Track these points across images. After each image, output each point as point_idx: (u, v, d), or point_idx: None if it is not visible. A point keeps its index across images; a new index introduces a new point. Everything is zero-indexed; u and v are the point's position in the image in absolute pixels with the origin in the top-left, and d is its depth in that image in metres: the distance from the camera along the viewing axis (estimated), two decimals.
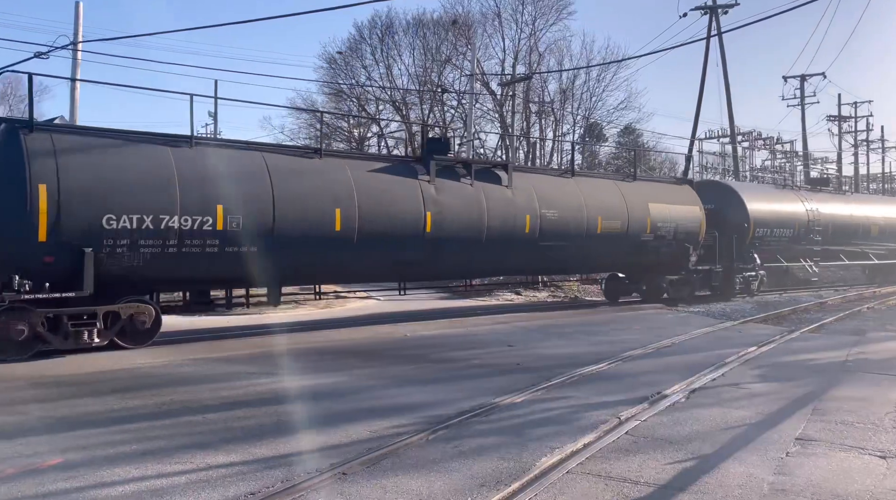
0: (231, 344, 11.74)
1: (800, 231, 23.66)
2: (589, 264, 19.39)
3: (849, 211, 26.49)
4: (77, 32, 19.21)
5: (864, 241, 26.73)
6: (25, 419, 6.68)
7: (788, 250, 23.60)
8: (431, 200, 13.93)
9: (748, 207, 21.63)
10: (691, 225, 19.42)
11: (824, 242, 24.49)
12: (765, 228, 22.20)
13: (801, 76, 44.74)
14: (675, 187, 20.49)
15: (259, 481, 4.84)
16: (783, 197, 24.23)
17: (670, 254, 19.03)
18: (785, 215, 23.25)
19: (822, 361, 10.15)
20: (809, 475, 5.04)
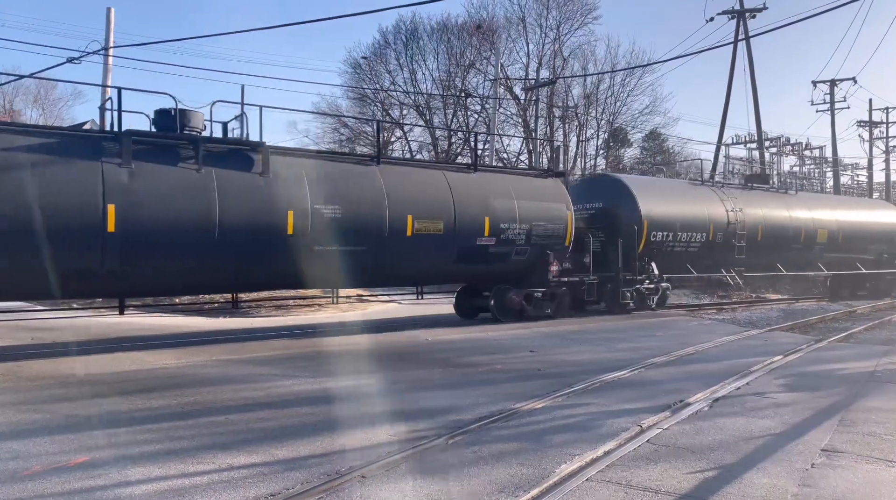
0: (253, 346, 11.86)
1: (716, 236, 19.61)
2: (398, 274, 14.41)
3: (787, 213, 22.24)
4: (108, 38, 19.59)
5: (808, 248, 22.73)
6: (52, 417, 6.81)
7: (709, 259, 19.74)
8: (120, 189, 10.27)
9: (641, 206, 17.88)
10: (553, 227, 15.60)
11: (751, 249, 20.34)
12: (665, 232, 18.40)
13: (830, 81, 44.07)
14: (537, 181, 16.35)
15: (280, 482, 4.89)
16: (697, 196, 20.09)
17: (523, 262, 15.29)
18: (695, 217, 19.22)
19: (850, 371, 9.96)
20: (835, 487, 4.95)
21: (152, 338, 12.63)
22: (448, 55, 41.86)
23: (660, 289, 18.34)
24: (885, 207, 28.52)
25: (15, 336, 13.12)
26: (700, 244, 19.29)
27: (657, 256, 18.23)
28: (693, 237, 19.17)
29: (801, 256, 22.63)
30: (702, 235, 19.35)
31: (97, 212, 10.12)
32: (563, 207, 16.06)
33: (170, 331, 13.96)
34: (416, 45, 42.27)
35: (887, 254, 26.30)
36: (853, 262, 24.60)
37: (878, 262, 25.72)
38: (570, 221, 16.04)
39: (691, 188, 21.02)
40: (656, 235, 18.27)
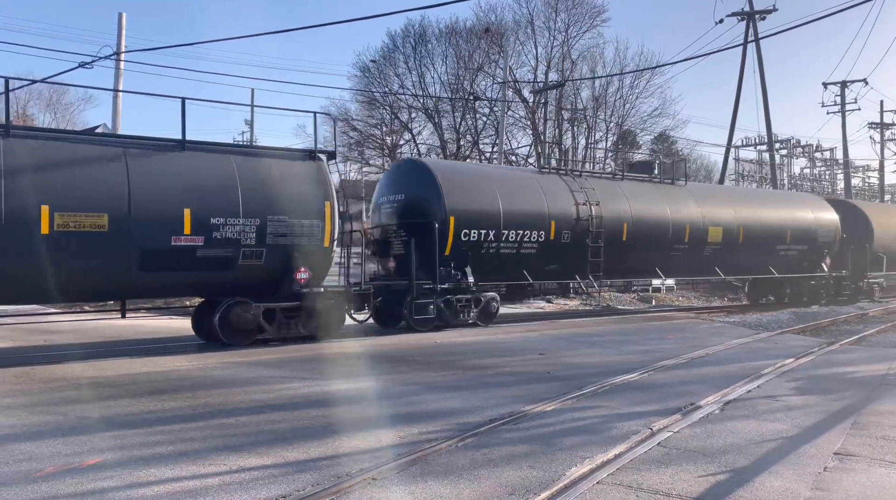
0: (263, 348, 11.90)
1: (561, 236, 16.19)
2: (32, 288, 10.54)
3: (667, 208, 18.55)
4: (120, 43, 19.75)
5: (695, 249, 19.28)
6: (65, 419, 6.86)
7: (554, 263, 16.40)
8: None
9: (446, 198, 14.51)
10: (304, 223, 12.21)
11: (613, 250, 16.88)
12: (484, 231, 15.10)
13: (841, 83, 43.81)
14: (283, 165, 12.64)
15: (290, 484, 4.90)
16: (535, 187, 16.41)
17: (262, 269, 11.88)
18: (530, 212, 15.80)
19: (863, 374, 9.88)
20: (848, 491, 4.91)
21: (162, 340, 12.71)
22: (456, 58, 41.93)
23: (481, 300, 15.14)
24: (809, 201, 24.68)
25: (28, 339, 13.24)
26: (538, 246, 15.80)
27: (474, 260, 14.83)
28: (527, 237, 15.62)
29: (688, 258, 19.00)
30: (539, 235, 15.82)
31: None
32: (322, 197, 12.53)
33: (179, 333, 14.03)
34: (425, 48, 42.36)
35: (808, 259, 22.83)
36: (764, 265, 21.30)
37: (798, 264, 22.48)
38: (329, 215, 12.51)
39: (531, 177, 17.11)
40: (470, 235, 14.73)
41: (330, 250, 12.72)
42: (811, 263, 22.98)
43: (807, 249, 22.60)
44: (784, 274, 22.04)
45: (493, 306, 15.48)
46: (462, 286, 14.72)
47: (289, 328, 12.43)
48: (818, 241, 22.85)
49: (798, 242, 22.20)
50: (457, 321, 14.69)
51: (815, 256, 23.04)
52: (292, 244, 12.14)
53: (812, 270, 22.97)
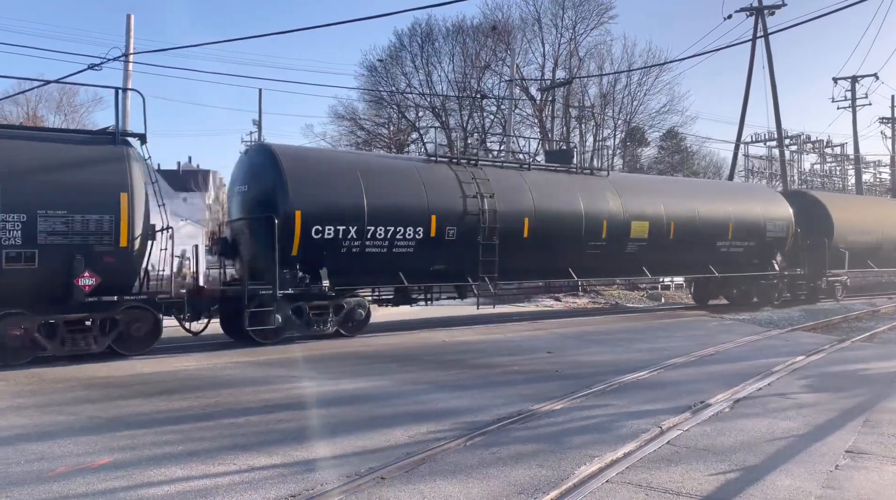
0: (272, 348, 11.93)
1: (445, 232, 14.12)
2: None
3: (580, 202, 16.26)
4: (128, 45, 19.85)
5: (615, 247, 16.98)
6: (77, 419, 6.91)
7: (438, 262, 14.33)
8: None
9: (291, 190, 12.49)
10: (85, 218, 10.30)
11: (512, 249, 14.92)
12: (342, 227, 12.91)
13: (851, 77, 43.49)
14: (64, 149, 10.74)
15: (299, 483, 4.91)
16: (414, 177, 14.34)
17: (35, 274, 10.05)
18: (402, 206, 13.71)
19: (875, 371, 9.81)
20: (860, 489, 4.87)
21: (171, 341, 12.74)
22: (463, 57, 41.90)
23: (343, 307, 13.16)
24: (759, 193, 22.39)
25: None
26: (416, 244, 13.82)
27: (332, 260, 12.83)
28: (400, 234, 13.58)
29: (608, 257, 16.94)
30: (417, 232, 13.78)
31: None
32: (115, 188, 10.53)
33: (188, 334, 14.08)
34: (432, 46, 42.36)
35: (757, 257, 20.42)
36: (703, 263, 19.13)
37: (744, 262, 20.15)
38: (126, 209, 10.51)
39: (411, 167, 14.95)
40: (324, 232, 12.70)
41: (130, 251, 10.65)
42: (761, 260, 20.62)
43: (754, 245, 20.19)
44: (726, 273, 19.66)
45: (358, 313, 13.34)
46: (314, 291, 12.61)
47: (76, 344, 10.55)
48: (767, 236, 20.45)
49: (743, 238, 19.85)
50: (311, 332, 12.70)
51: (765, 253, 20.65)
52: (73, 244, 10.21)
53: (762, 268, 20.61)
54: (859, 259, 23.82)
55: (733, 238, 19.57)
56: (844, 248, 22.83)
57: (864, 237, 24.02)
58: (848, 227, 23.29)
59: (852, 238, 23.36)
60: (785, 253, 21.14)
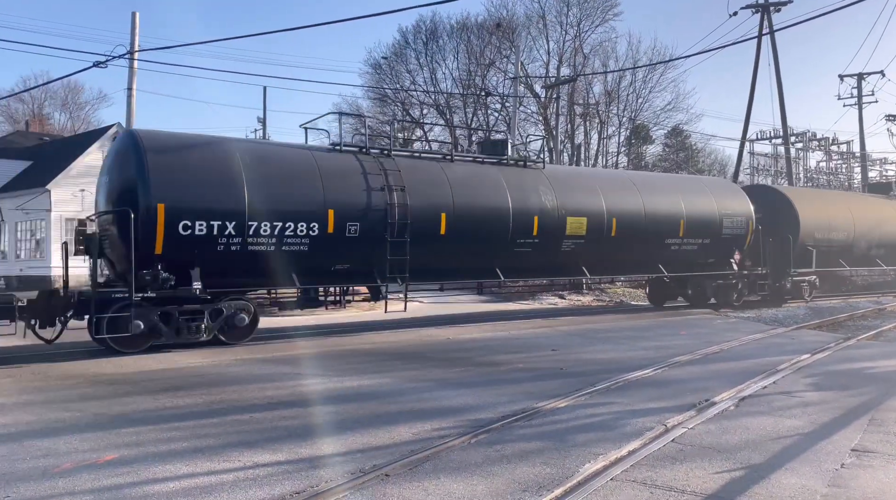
0: (276, 346, 11.96)
1: (346, 229, 12.77)
2: None
3: (506, 196, 14.99)
4: (133, 42, 19.88)
5: (549, 244, 15.63)
6: (82, 415, 6.94)
7: (340, 261, 13.10)
8: None
9: (154, 180, 11.21)
10: None
11: (426, 246, 13.69)
12: (216, 222, 11.49)
13: (858, 75, 43.37)
14: None
15: (304, 480, 4.92)
16: (318, 168, 12.85)
17: None
18: (292, 199, 12.33)
19: (880, 369, 9.77)
20: (865, 488, 4.86)
21: None
22: (468, 54, 41.89)
23: (223, 311, 11.84)
24: (715, 187, 20.46)
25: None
26: (311, 241, 12.43)
27: (206, 260, 11.50)
28: (291, 230, 12.18)
29: (540, 256, 15.67)
30: (312, 228, 12.38)
31: None
32: None
33: None
34: (436, 44, 42.37)
35: (713, 255, 19.04)
36: (651, 262, 18.04)
37: (699, 261, 18.87)
38: None
39: (308, 157, 13.11)
40: (195, 228, 11.23)
41: None
42: (718, 259, 19.29)
43: (709, 243, 18.79)
44: (678, 273, 18.46)
45: (240, 318, 11.99)
46: (180, 294, 11.34)
47: None
48: (724, 234, 19.06)
49: (696, 236, 18.43)
50: (182, 339, 11.47)
51: (722, 251, 19.29)
52: None
53: (719, 267, 19.33)
54: (830, 258, 22.63)
55: (685, 236, 18.20)
56: (812, 246, 21.70)
57: (834, 235, 22.80)
58: (816, 223, 22.13)
59: (821, 236, 22.23)
60: (746, 251, 19.88)
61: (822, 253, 21.97)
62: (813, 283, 22.17)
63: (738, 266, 19.60)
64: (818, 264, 21.81)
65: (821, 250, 21.96)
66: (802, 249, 21.36)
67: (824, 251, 22.15)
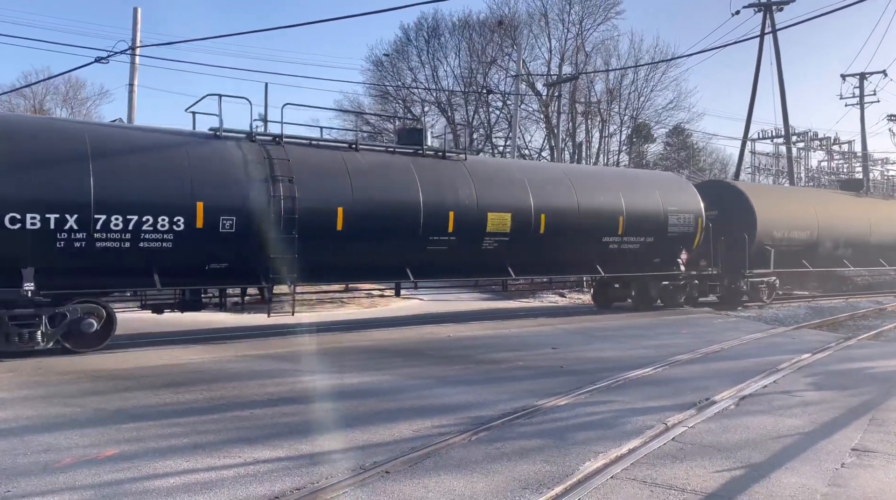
0: (276, 342, 11.97)
1: (220, 224, 11.38)
2: None
3: (418, 190, 13.47)
4: (135, 38, 19.87)
5: (468, 243, 14.22)
6: (83, 411, 6.94)
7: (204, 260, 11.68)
8: None
9: None
10: None
11: (316, 242, 12.30)
12: (58, 214, 10.21)
13: (860, 74, 43.21)
14: None
15: (304, 476, 4.93)
16: (188, 156, 11.49)
17: None
18: (157, 191, 11.04)
19: (881, 369, 9.77)
20: (865, 488, 4.86)
21: (178, 333, 12.79)
22: (470, 51, 41.84)
23: (66, 315, 10.42)
24: (661, 182, 18.90)
25: None
26: (176, 237, 11.09)
27: (42, 257, 10.28)
28: (149, 225, 10.86)
29: (458, 254, 14.17)
30: (176, 222, 11.06)
31: None
32: None
33: (194, 327, 14.14)
34: (438, 41, 42.31)
35: (659, 255, 17.64)
36: (587, 262, 16.63)
37: (641, 261, 17.43)
38: None
39: (176, 144, 11.81)
40: (25, 221, 9.97)
41: None
42: (664, 259, 17.88)
43: (653, 241, 17.35)
44: (617, 273, 17.22)
45: (87, 323, 10.53)
46: (8, 297, 10.03)
47: None
48: (670, 232, 17.62)
49: (638, 233, 17.01)
50: (14, 347, 10.13)
51: (669, 250, 17.84)
52: None
53: (665, 267, 17.95)
54: (792, 258, 21.28)
55: (626, 233, 16.80)
56: (770, 245, 20.30)
57: (796, 234, 21.41)
58: (775, 222, 20.72)
59: (780, 235, 20.80)
60: (696, 250, 18.54)
61: (781, 253, 20.63)
62: (772, 284, 20.89)
63: (686, 266, 18.24)
64: (778, 264, 20.49)
65: (780, 249, 20.62)
66: (760, 248, 20.10)
67: (784, 251, 20.81)
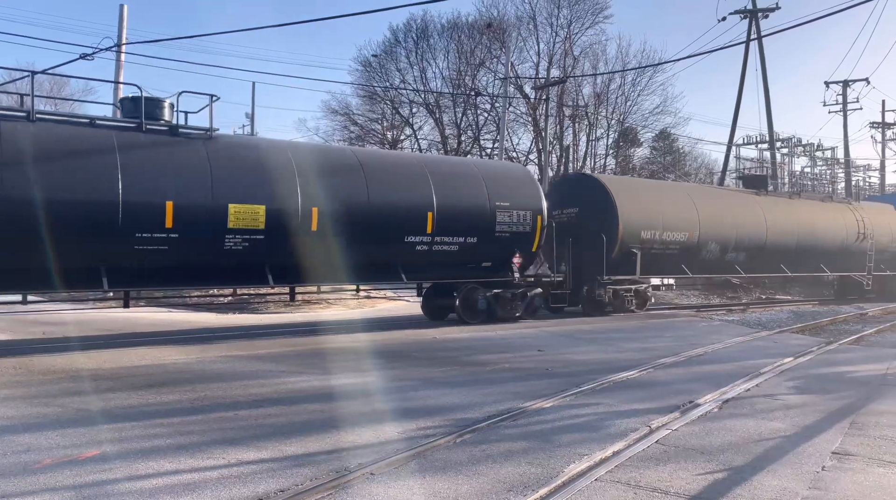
0: (262, 343, 11.90)
1: None
2: None
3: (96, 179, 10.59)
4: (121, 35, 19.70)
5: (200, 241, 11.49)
6: (63, 411, 6.86)
7: None
8: None
9: None
10: None
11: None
12: None
13: (843, 82, 43.78)
14: None
15: (288, 478, 4.90)
16: None
17: None
18: None
19: (862, 373, 9.89)
20: (845, 491, 4.91)
21: (161, 334, 12.70)
22: (458, 54, 41.91)
23: None
24: (489, 171, 15.72)
25: (27, 330, 13.24)
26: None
27: None
28: None
29: (184, 254, 11.37)
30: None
31: None
32: None
33: (178, 327, 14.04)
34: (427, 43, 42.33)
35: (490, 258, 14.84)
36: (387, 266, 13.81)
37: (461, 264, 14.56)
38: None
39: None
40: None
41: None
42: (496, 263, 15.00)
43: (477, 242, 14.48)
44: (431, 278, 14.71)
45: None
46: None
47: None
48: (498, 231, 14.78)
49: (455, 233, 14.16)
50: None
51: (501, 252, 14.98)
52: None
53: (496, 272, 15.06)
54: (668, 263, 18.66)
55: (437, 232, 13.88)
56: (638, 248, 17.56)
57: (672, 235, 18.45)
58: (644, 221, 17.81)
59: (651, 236, 17.90)
60: (538, 253, 16.05)
61: (653, 257, 17.96)
62: (642, 292, 18.39)
63: (521, 271, 15.41)
64: (649, 269, 17.86)
65: (651, 253, 17.86)
66: (626, 251, 17.36)
67: (657, 255, 18.08)
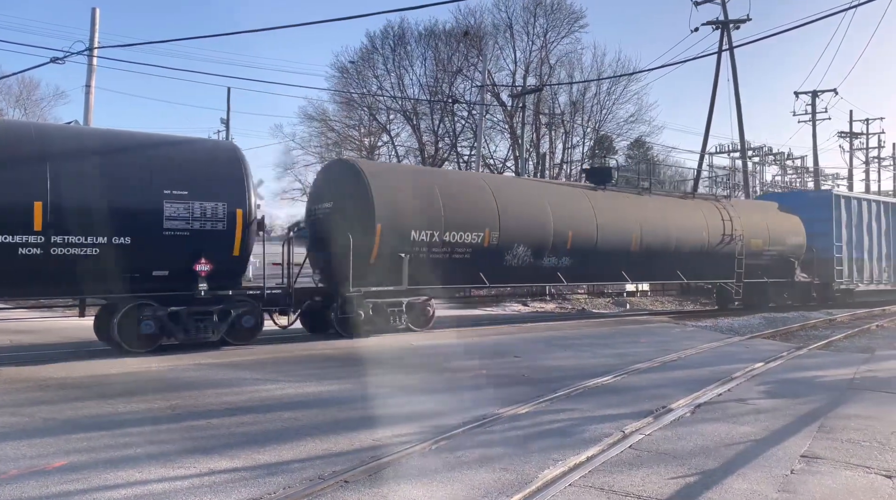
0: (236, 351, 11.77)
1: None
2: None
3: None
4: (93, 39, 19.44)
5: None
6: (31, 420, 6.72)
7: None
8: None
9: None
10: None
11: None
12: None
13: (812, 92, 44.71)
14: None
15: (261, 487, 4.85)
16: None
17: None
18: None
19: (830, 378, 10.07)
20: (814, 493, 5.00)
21: None
22: (435, 61, 42.05)
23: None
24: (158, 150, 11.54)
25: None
26: None
27: None
28: None
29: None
30: None
31: None
32: None
33: None
34: (404, 50, 42.40)
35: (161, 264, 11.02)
36: None
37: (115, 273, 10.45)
38: None
39: None
40: None
41: None
42: (174, 271, 11.19)
43: (132, 243, 10.68)
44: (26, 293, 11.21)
45: None
46: None
47: None
48: (167, 229, 11.01)
49: (88, 232, 10.33)
50: None
51: (175, 258, 11.12)
52: None
53: (176, 284, 11.28)
54: (456, 270, 14.79)
55: (58, 231, 10.07)
56: (406, 251, 13.80)
57: (459, 236, 14.64)
58: (414, 217, 14.05)
59: (425, 236, 14.12)
60: (242, 257, 11.85)
61: (433, 262, 14.22)
62: (421, 306, 14.42)
63: (211, 281, 11.40)
64: (428, 278, 14.10)
65: (429, 257, 14.21)
66: (390, 255, 13.65)
67: (437, 260, 14.32)
